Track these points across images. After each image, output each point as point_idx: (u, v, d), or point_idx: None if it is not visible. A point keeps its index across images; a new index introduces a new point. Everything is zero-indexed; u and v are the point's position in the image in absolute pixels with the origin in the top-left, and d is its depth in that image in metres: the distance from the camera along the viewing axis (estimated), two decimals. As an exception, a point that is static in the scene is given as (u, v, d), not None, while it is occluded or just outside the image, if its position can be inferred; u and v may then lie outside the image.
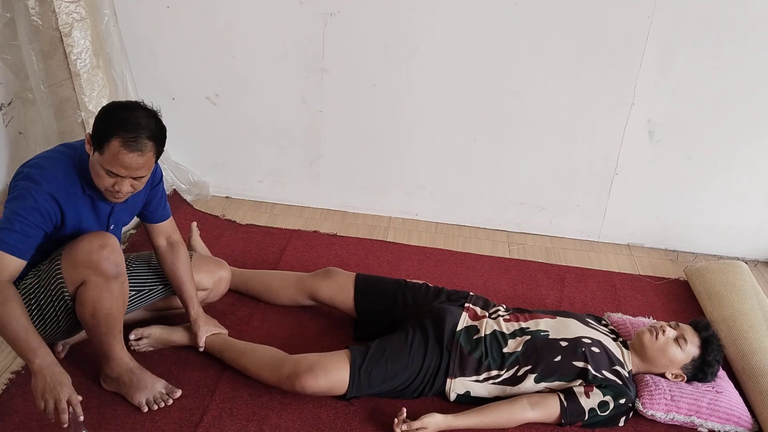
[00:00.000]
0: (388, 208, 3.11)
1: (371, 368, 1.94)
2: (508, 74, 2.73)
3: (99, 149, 1.71)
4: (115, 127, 1.68)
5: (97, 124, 1.73)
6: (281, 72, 2.83)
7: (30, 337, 1.65)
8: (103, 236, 1.78)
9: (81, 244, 1.76)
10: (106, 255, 1.75)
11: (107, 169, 1.72)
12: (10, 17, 2.36)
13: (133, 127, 1.70)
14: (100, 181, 1.76)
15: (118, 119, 1.70)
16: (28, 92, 2.50)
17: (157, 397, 1.93)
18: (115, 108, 1.75)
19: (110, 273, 1.76)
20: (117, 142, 1.68)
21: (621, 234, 3.03)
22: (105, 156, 1.70)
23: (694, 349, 2.04)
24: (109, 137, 1.68)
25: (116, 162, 1.70)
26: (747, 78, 2.61)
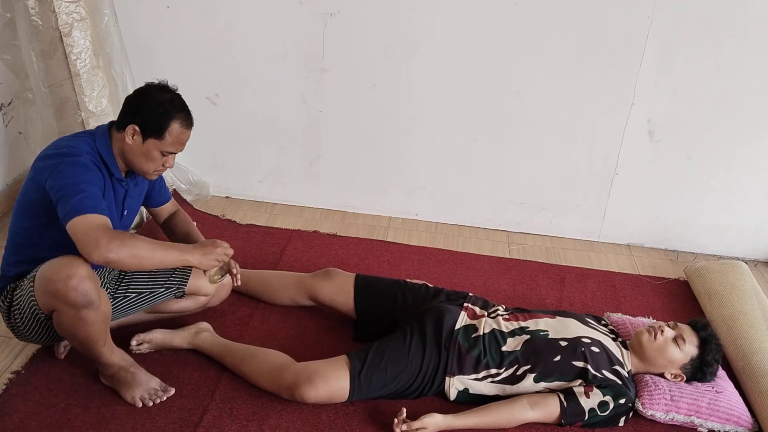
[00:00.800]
0: (388, 208, 3.11)
1: (371, 373, 1.94)
2: (508, 74, 2.73)
3: (157, 135, 1.79)
4: (168, 111, 1.79)
5: (145, 114, 1.78)
6: (281, 72, 2.84)
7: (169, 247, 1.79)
8: (70, 265, 1.70)
9: (48, 273, 1.72)
10: (73, 286, 1.68)
11: (166, 151, 1.81)
12: (10, 17, 2.36)
13: (182, 105, 1.82)
14: (151, 163, 1.83)
15: (165, 102, 1.79)
16: (28, 92, 2.50)
17: (152, 394, 1.93)
18: (152, 93, 1.81)
19: (79, 304, 1.71)
20: (177, 124, 1.80)
21: (621, 234, 3.03)
22: (166, 139, 1.80)
23: (693, 349, 2.04)
24: (168, 121, 1.78)
25: (178, 142, 1.82)
26: (747, 78, 2.61)
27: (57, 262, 1.73)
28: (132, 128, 1.79)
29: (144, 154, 1.82)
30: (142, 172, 1.87)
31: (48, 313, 1.79)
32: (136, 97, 1.83)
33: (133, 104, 1.82)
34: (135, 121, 1.79)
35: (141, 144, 1.80)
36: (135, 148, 1.81)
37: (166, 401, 1.95)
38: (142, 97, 1.81)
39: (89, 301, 1.72)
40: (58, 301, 1.71)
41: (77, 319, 1.75)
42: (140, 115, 1.78)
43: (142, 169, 1.86)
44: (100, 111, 2.52)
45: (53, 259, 1.75)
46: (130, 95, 1.86)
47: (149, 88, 1.83)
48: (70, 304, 1.71)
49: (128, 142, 1.80)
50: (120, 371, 1.92)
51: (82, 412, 1.90)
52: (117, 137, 1.84)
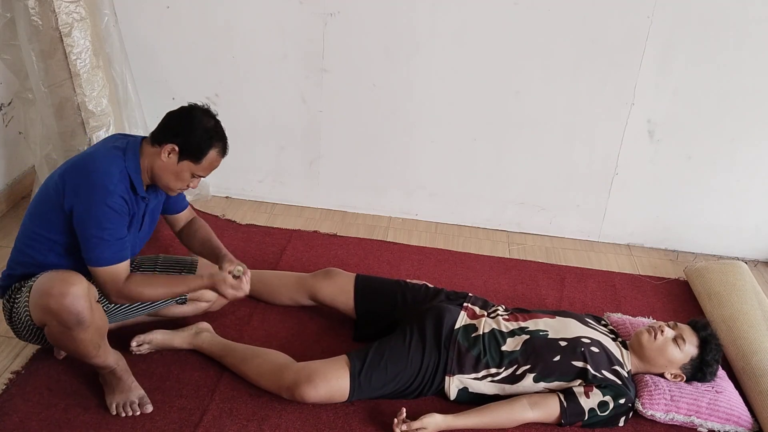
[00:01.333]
0: (388, 208, 3.11)
1: (371, 372, 1.94)
2: (508, 74, 2.73)
3: (195, 159, 1.82)
4: (211, 137, 1.82)
5: (186, 136, 1.80)
6: (281, 72, 2.83)
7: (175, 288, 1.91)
8: (66, 282, 1.70)
9: (43, 287, 1.72)
10: (66, 305, 1.68)
11: (197, 174, 1.84)
12: (10, 17, 2.36)
13: (222, 134, 1.86)
14: (179, 183, 1.86)
15: (209, 129, 1.82)
16: (28, 92, 2.50)
17: (127, 405, 1.90)
18: (197, 116, 1.83)
19: (70, 323, 1.71)
20: (215, 152, 1.84)
21: (621, 234, 3.03)
22: (202, 164, 1.83)
23: (693, 349, 2.04)
24: (208, 148, 1.82)
25: (211, 167, 1.86)
26: (747, 78, 2.61)
27: (53, 276, 1.73)
28: (171, 147, 1.80)
29: (175, 174, 1.83)
30: (167, 188, 1.88)
31: (40, 326, 1.78)
32: (180, 117, 1.84)
33: (177, 124, 1.82)
34: (176, 141, 1.80)
35: (175, 163, 1.82)
36: (168, 166, 1.82)
37: (165, 401, 1.95)
38: (187, 119, 1.82)
39: (80, 321, 1.71)
40: (50, 317, 1.71)
41: (68, 337, 1.75)
42: (182, 136, 1.80)
43: (168, 186, 1.87)
44: (100, 111, 2.52)
45: (50, 273, 1.76)
46: (173, 113, 1.86)
47: (194, 111, 1.84)
48: (61, 322, 1.71)
49: (162, 159, 1.81)
50: (108, 373, 1.92)
51: (82, 412, 1.90)
52: (150, 151, 1.83)
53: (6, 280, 1.88)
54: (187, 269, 2.15)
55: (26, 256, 1.84)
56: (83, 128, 2.50)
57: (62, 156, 2.53)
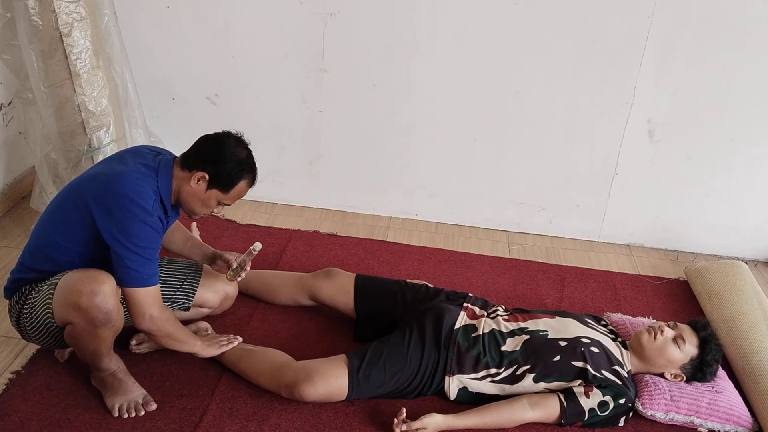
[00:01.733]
0: (388, 208, 3.11)
1: (370, 371, 1.94)
2: (508, 74, 2.73)
3: (224, 189, 1.83)
4: (243, 169, 1.83)
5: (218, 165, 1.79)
6: (281, 72, 2.83)
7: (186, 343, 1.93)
8: (97, 280, 1.70)
9: (74, 284, 1.71)
10: (96, 303, 1.69)
11: (224, 202, 1.84)
12: (10, 17, 2.36)
13: (253, 166, 1.86)
14: (204, 209, 1.87)
15: (242, 161, 1.82)
16: (28, 92, 2.50)
17: (130, 406, 1.91)
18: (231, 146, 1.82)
19: (99, 321, 1.71)
20: (245, 183, 1.85)
21: (621, 234, 3.03)
22: (230, 194, 1.84)
23: (693, 349, 2.04)
24: (239, 179, 1.83)
25: (238, 197, 1.87)
26: (747, 78, 2.61)
27: (82, 274, 1.73)
28: (201, 175, 1.80)
29: (202, 201, 1.84)
30: (191, 212, 1.89)
31: (61, 325, 1.78)
32: (213, 144, 1.83)
33: (209, 152, 1.82)
34: (207, 170, 1.80)
35: (203, 191, 1.82)
36: (197, 192, 1.82)
37: (165, 401, 1.95)
38: (220, 148, 1.82)
39: (109, 320, 1.73)
40: (78, 315, 1.71)
41: (92, 335, 1.75)
42: (214, 165, 1.80)
43: (193, 211, 1.88)
44: (100, 111, 2.52)
45: (77, 271, 1.75)
46: (207, 139, 1.86)
47: (228, 140, 1.84)
48: (89, 319, 1.71)
49: (191, 185, 1.81)
50: (109, 376, 1.91)
51: (82, 412, 1.90)
52: (180, 175, 1.83)
53: (15, 283, 1.87)
54: (192, 274, 2.15)
55: (43, 263, 1.82)
56: (83, 128, 2.50)
57: (62, 156, 2.53)
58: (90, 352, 1.83)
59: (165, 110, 2.98)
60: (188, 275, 2.14)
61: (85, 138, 2.52)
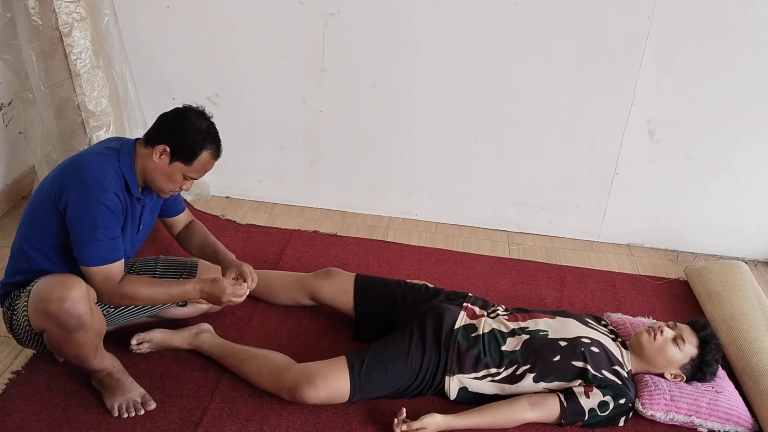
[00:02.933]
0: (388, 208, 3.11)
1: (371, 373, 1.94)
2: (508, 74, 2.73)
3: (187, 160, 1.80)
4: (204, 139, 1.80)
5: (178, 136, 1.78)
6: (281, 72, 2.84)
7: (171, 290, 1.88)
8: (65, 285, 1.69)
9: (42, 292, 1.71)
10: (66, 309, 1.67)
11: (189, 176, 1.82)
12: (10, 17, 2.36)
13: (215, 135, 1.83)
14: (170, 184, 1.84)
15: (202, 131, 1.80)
16: (28, 92, 2.50)
17: (130, 405, 1.90)
18: (190, 117, 1.81)
19: (71, 327, 1.70)
20: (207, 154, 1.81)
21: (621, 234, 3.03)
22: (193, 166, 1.81)
23: (693, 349, 2.04)
24: (200, 150, 1.80)
25: (203, 170, 1.83)
26: (747, 78, 2.61)
27: (51, 281, 1.72)
28: (163, 148, 1.79)
29: (166, 175, 1.82)
30: (158, 190, 1.87)
31: (39, 332, 1.77)
32: (173, 117, 1.83)
33: (169, 125, 1.81)
34: (167, 142, 1.79)
35: (167, 165, 1.80)
36: (160, 167, 1.81)
37: (165, 401, 1.95)
38: (179, 120, 1.81)
39: (81, 324, 1.71)
40: (50, 321, 1.70)
41: (68, 340, 1.74)
42: (174, 137, 1.79)
43: (160, 188, 1.86)
44: (100, 111, 2.52)
45: (48, 277, 1.74)
46: (166, 114, 1.85)
47: (188, 112, 1.83)
48: (61, 325, 1.70)
49: (154, 160, 1.80)
50: (106, 376, 1.91)
51: (82, 412, 1.90)
52: (143, 152, 1.82)
53: (4, 288, 1.87)
54: (187, 271, 2.15)
55: (23, 263, 1.82)
56: (83, 128, 2.50)
57: (62, 156, 2.53)
58: (73, 356, 1.82)
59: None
60: (184, 272, 2.14)
61: (85, 138, 2.52)
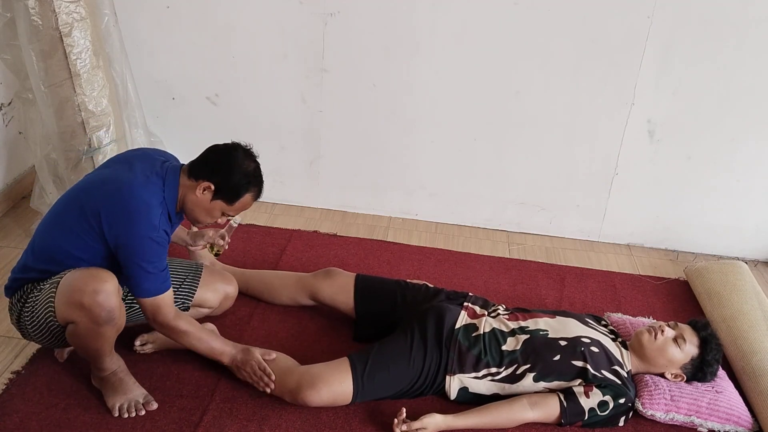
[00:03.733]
0: (388, 208, 3.11)
1: (373, 374, 1.94)
2: (508, 74, 2.73)
3: (229, 201, 1.84)
4: (249, 182, 1.85)
5: (225, 176, 1.81)
6: (281, 72, 2.83)
7: (213, 345, 1.94)
8: (99, 278, 1.71)
9: (76, 283, 1.72)
10: (99, 302, 1.69)
11: (228, 213, 1.87)
12: (10, 17, 2.36)
13: (260, 179, 1.88)
14: (208, 218, 1.88)
15: (249, 174, 1.83)
16: (28, 92, 2.50)
17: (131, 406, 1.90)
18: (239, 158, 1.83)
19: (101, 320, 1.72)
20: (250, 196, 1.87)
21: (621, 234, 3.03)
22: (235, 206, 1.86)
23: (693, 348, 2.04)
24: (245, 192, 1.85)
25: (242, 209, 1.89)
26: (747, 78, 2.61)
27: (85, 273, 1.73)
28: (207, 185, 1.81)
29: (206, 210, 1.85)
30: (194, 221, 1.91)
31: (63, 323, 1.78)
32: (222, 155, 1.84)
33: (217, 162, 1.83)
34: (213, 180, 1.81)
35: (208, 201, 1.83)
36: (201, 202, 1.84)
37: (165, 401, 1.95)
38: (227, 159, 1.83)
39: (112, 318, 1.73)
40: (81, 313, 1.71)
41: (95, 333, 1.76)
42: (221, 176, 1.81)
43: (197, 220, 1.90)
44: (100, 111, 2.52)
45: (79, 270, 1.75)
46: (215, 149, 1.86)
47: (236, 152, 1.84)
48: (92, 318, 1.71)
49: (197, 195, 1.82)
50: (110, 375, 1.91)
51: (82, 412, 1.90)
52: (186, 184, 1.84)
53: (16, 282, 1.87)
54: (192, 274, 2.15)
55: (49, 265, 1.81)
56: (83, 128, 2.50)
57: (62, 156, 2.53)
58: (93, 351, 1.83)
59: (165, 110, 2.98)
60: (188, 275, 2.14)
61: (85, 138, 2.52)
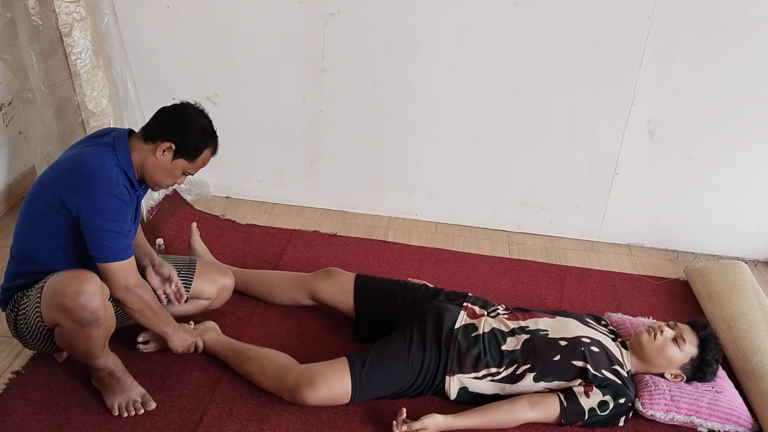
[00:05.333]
0: (388, 208, 3.11)
1: (372, 374, 1.94)
2: (508, 74, 2.73)
3: (190, 158, 1.85)
4: (207, 137, 1.86)
5: (183, 135, 1.81)
6: (281, 72, 2.83)
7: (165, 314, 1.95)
8: (80, 280, 1.70)
9: (57, 286, 1.71)
10: (81, 303, 1.68)
11: (188, 172, 1.87)
12: (10, 17, 2.36)
13: (214, 134, 1.89)
14: (170, 179, 1.88)
15: (205, 129, 1.85)
16: (28, 92, 2.50)
17: (129, 405, 1.90)
18: (192, 116, 1.84)
19: (85, 321, 1.71)
20: (209, 151, 1.89)
21: (621, 234, 3.03)
22: (196, 162, 1.87)
23: (693, 348, 2.04)
24: (204, 148, 1.86)
25: (202, 166, 1.90)
26: (747, 78, 2.61)
27: (66, 276, 1.73)
28: (168, 145, 1.81)
29: (168, 171, 1.85)
30: (155, 184, 1.89)
31: (51, 327, 1.78)
32: (175, 115, 1.84)
33: (173, 123, 1.83)
34: (173, 140, 1.81)
35: (169, 161, 1.83)
36: (162, 163, 1.83)
37: (165, 401, 1.95)
38: (182, 118, 1.83)
39: (95, 319, 1.72)
40: (64, 316, 1.71)
41: (81, 335, 1.75)
42: (178, 135, 1.81)
43: (158, 183, 1.88)
44: (100, 111, 2.52)
45: (62, 273, 1.75)
46: (167, 110, 1.86)
47: (188, 111, 1.85)
48: (76, 320, 1.71)
49: (156, 156, 1.82)
50: (107, 375, 1.91)
51: (82, 412, 1.90)
52: (142, 147, 1.83)
53: (6, 293, 1.87)
54: (187, 266, 2.15)
55: (27, 265, 1.82)
56: (83, 128, 2.50)
57: (62, 156, 2.53)
58: (82, 352, 1.82)
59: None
60: (182, 268, 2.14)
61: (85, 138, 2.52)
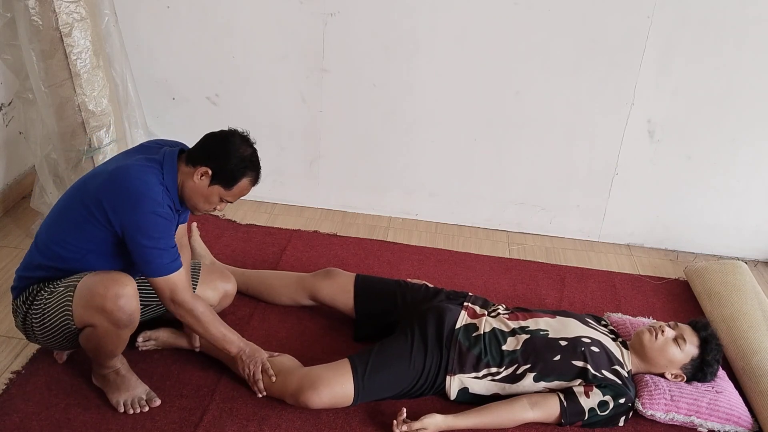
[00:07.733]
0: (388, 208, 3.11)
1: (374, 376, 1.94)
2: (508, 74, 2.73)
3: (226, 185, 1.83)
4: (246, 166, 1.84)
5: (221, 161, 1.81)
6: (281, 72, 2.84)
7: (224, 332, 1.91)
8: (120, 283, 1.73)
9: (97, 288, 1.72)
10: (121, 305, 1.71)
11: (225, 199, 1.85)
12: (10, 17, 2.36)
13: (257, 163, 1.88)
14: (206, 205, 1.87)
15: (245, 158, 1.85)
16: (28, 92, 2.50)
17: (135, 402, 1.91)
18: (235, 143, 1.84)
19: (122, 323, 1.74)
20: (247, 181, 1.86)
21: (621, 234, 3.03)
22: (232, 191, 1.85)
23: (693, 348, 2.04)
24: (241, 176, 1.84)
25: (240, 195, 1.87)
26: (747, 78, 2.61)
27: (104, 277, 1.74)
28: (204, 170, 1.81)
29: (204, 196, 1.85)
30: (193, 208, 1.90)
31: (80, 327, 1.78)
32: (218, 141, 1.85)
33: (214, 147, 1.84)
34: (210, 165, 1.81)
35: (206, 187, 1.83)
36: (199, 188, 1.83)
37: (166, 401, 1.95)
38: (224, 145, 1.84)
39: (132, 321, 1.75)
40: (102, 317, 1.72)
41: (113, 336, 1.77)
42: (217, 161, 1.81)
43: (196, 207, 1.89)
44: (100, 111, 2.52)
45: (96, 274, 1.76)
46: (213, 135, 1.87)
47: (233, 137, 1.86)
48: (113, 321, 1.72)
49: (194, 181, 1.82)
50: (112, 373, 1.92)
51: (82, 412, 1.90)
52: (184, 170, 1.84)
53: (22, 281, 1.86)
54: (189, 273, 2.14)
55: (52, 261, 1.81)
56: (83, 128, 2.50)
57: (62, 156, 2.53)
58: (107, 352, 1.84)
59: (165, 110, 2.98)
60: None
61: (85, 138, 2.52)
